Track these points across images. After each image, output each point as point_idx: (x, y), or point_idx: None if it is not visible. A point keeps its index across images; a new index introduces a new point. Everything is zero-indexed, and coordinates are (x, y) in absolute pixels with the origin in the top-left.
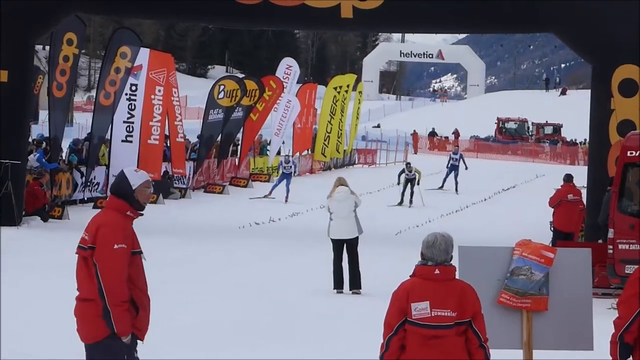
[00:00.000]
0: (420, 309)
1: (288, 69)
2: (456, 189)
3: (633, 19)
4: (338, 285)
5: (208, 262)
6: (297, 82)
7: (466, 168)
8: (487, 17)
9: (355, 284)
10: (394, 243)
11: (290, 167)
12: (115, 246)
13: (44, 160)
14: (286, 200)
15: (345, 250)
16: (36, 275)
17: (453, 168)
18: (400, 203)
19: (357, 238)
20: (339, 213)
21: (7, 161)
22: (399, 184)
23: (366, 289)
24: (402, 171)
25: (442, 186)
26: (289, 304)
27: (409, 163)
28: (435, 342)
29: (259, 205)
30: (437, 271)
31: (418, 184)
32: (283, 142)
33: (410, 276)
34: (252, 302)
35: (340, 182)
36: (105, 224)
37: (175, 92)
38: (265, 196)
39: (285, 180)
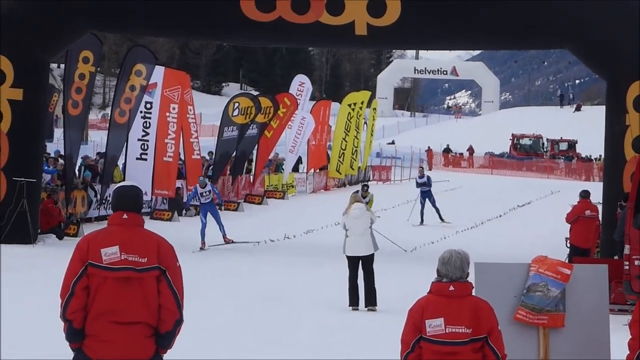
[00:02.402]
0: (435, 325)
1: (301, 85)
2: (440, 217)
3: None
4: (354, 302)
5: (223, 278)
6: (311, 99)
7: (431, 185)
8: (501, 33)
9: (371, 301)
10: (409, 260)
11: (209, 193)
12: (178, 264)
13: (46, 167)
14: (225, 240)
15: (361, 267)
16: (52, 293)
17: (425, 196)
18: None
19: (372, 255)
20: (355, 230)
21: (22, 179)
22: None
23: (382, 306)
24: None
25: (422, 222)
26: (304, 321)
27: (366, 185)
28: (450, 358)
29: (274, 221)
30: (451, 287)
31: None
32: (301, 162)
33: (427, 293)
34: (267, 319)
35: (356, 199)
36: (162, 242)
37: (190, 110)
38: (201, 248)
39: (208, 213)
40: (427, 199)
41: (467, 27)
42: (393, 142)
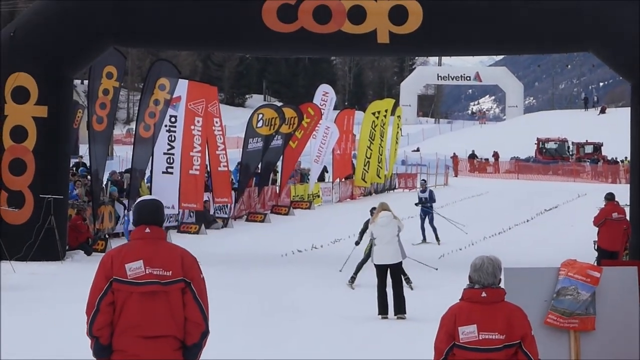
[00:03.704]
0: (468, 332)
1: (325, 95)
2: (437, 238)
3: None
4: (383, 310)
5: (250, 288)
6: (335, 109)
7: (434, 201)
8: (524, 38)
9: (400, 309)
10: (438, 267)
11: None
12: (202, 276)
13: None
14: None
15: (390, 275)
16: (80, 310)
17: (425, 213)
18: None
19: (400, 263)
20: (382, 238)
21: (49, 196)
22: (361, 236)
23: (411, 314)
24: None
25: (424, 239)
26: (334, 331)
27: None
28: None
29: (301, 232)
30: (484, 294)
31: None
32: (326, 172)
33: (459, 300)
34: (295, 328)
35: (383, 207)
36: (186, 254)
37: (217, 122)
38: None
39: None
40: (427, 216)
41: (490, 32)
42: (418, 150)
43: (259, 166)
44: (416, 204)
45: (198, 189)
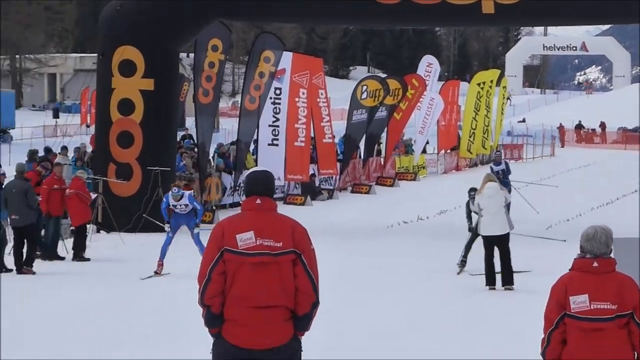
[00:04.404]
0: (579, 302)
1: (429, 66)
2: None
3: None
4: (490, 281)
5: (356, 259)
6: (439, 80)
7: (510, 173)
8: (631, 6)
9: (508, 280)
10: (545, 237)
11: (185, 207)
12: (312, 247)
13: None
14: None
15: (497, 246)
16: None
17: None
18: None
19: (507, 234)
20: (489, 209)
21: (157, 168)
22: (469, 219)
23: (519, 285)
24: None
25: None
26: (440, 302)
27: (473, 189)
28: (595, 335)
29: (406, 203)
30: (595, 264)
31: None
32: (427, 142)
33: (569, 270)
34: (402, 300)
35: (489, 178)
36: (296, 226)
37: (322, 94)
38: (156, 272)
39: (181, 227)
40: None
41: (596, 1)
42: (524, 120)
43: (364, 138)
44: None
45: (303, 160)
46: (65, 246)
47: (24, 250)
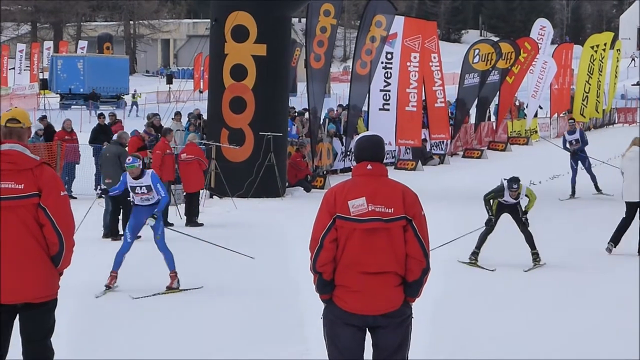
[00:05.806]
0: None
1: (542, 29)
2: (597, 187)
3: None
4: (615, 239)
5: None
6: (552, 43)
7: (586, 144)
8: None
9: None
10: None
11: (147, 190)
12: (423, 212)
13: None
14: (170, 283)
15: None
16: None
17: (578, 159)
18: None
19: None
20: (629, 173)
21: (269, 133)
22: (490, 211)
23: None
24: (499, 191)
25: (573, 194)
26: (557, 266)
27: (515, 178)
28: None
29: (519, 169)
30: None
31: (525, 213)
32: (540, 107)
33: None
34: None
35: (635, 142)
36: (407, 191)
37: (434, 58)
38: (107, 286)
39: (142, 224)
40: (579, 162)
41: None
42: (638, 84)
43: (476, 102)
44: (565, 149)
45: (415, 125)
46: (178, 211)
47: (120, 217)
